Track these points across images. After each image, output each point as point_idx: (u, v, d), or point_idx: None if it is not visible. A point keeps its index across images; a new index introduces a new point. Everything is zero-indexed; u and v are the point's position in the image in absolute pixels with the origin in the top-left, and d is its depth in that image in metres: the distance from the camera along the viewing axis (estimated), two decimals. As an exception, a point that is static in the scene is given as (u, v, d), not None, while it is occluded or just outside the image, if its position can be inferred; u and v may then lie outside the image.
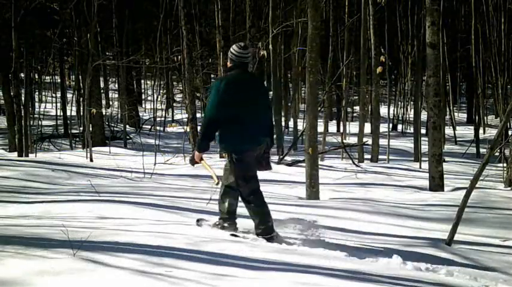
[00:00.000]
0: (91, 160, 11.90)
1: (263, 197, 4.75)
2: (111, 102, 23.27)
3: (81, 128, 16.75)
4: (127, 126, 17.34)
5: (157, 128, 15.56)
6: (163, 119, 20.49)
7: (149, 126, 20.12)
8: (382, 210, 6.44)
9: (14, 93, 13.81)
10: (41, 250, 3.82)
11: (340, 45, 20.52)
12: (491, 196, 7.69)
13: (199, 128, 12.65)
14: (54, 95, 24.23)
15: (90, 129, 13.78)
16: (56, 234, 4.30)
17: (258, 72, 12.92)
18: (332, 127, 21.00)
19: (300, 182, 8.27)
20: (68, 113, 18.92)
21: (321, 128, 11.97)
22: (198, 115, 13.16)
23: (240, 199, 4.84)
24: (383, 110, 20.49)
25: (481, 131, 20.00)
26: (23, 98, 13.73)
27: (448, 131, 21.24)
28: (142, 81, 28.02)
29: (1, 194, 7.00)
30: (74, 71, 20.78)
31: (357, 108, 22.34)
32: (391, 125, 20.73)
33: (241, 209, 4.91)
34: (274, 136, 7.38)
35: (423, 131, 16.84)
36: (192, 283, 3.33)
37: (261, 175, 4.93)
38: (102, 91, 20.15)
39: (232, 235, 4.78)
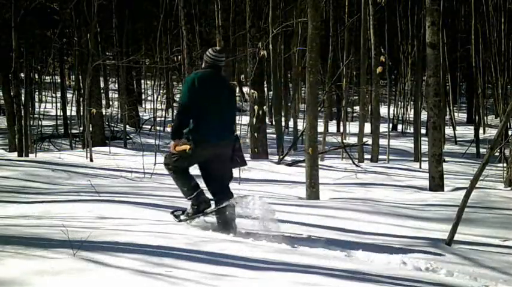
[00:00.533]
0: (91, 160, 11.90)
1: (181, 178, 4.99)
2: (111, 102, 23.27)
3: (81, 128, 16.74)
4: (127, 126, 17.33)
5: (157, 128, 15.55)
6: (163, 119, 20.48)
7: (149, 126, 20.11)
8: (382, 210, 6.44)
9: (14, 93, 13.82)
10: (41, 250, 3.82)
11: (340, 45, 20.52)
12: (491, 196, 7.69)
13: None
14: (54, 95, 24.23)
15: (90, 129, 13.78)
16: (56, 234, 4.30)
17: (258, 72, 12.91)
18: (332, 127, 21.00)
19: (300, 182, 8.27)
20: (68, 113, 18.93)
21: (321, 128, 11.97)
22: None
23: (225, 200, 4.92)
24: (383, 110, 20.49)
25: (481, 131, 20.00)
26: (23, 98, 13.74)
27: (448, 131, 21.24)
28: (142, 81, 28.01)
29: (1, 194, 7.00)
30: (74, 71, 20.78)
31: (357, 108, 22.34)
32: (391, 125, 20.73)
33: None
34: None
35: (423, 131, 16.84)
36: (192, 283, 3.33)
37: (261, 175, 4.94)
38: (102, 91, 20.15)
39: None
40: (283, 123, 18.51)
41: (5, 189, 7.49)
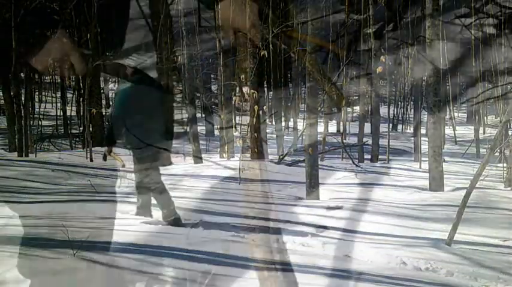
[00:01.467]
0: (91, 160, 11.88)
1: (164, 186, 5.22)
2: (111, 102, 23.26)
3: (81, 128, 16.73)
4: (127, 126, 17.29)
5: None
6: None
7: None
8: (382, 210, 6.43)
9: (14, 93, 13.81)
10: (41, 250, 3.82)
11: (340, 45, 20.50)
12: (491, 196, 7.69)
13: (199, 128, 12.56)
14: (54, 95, 24.21)
15: (90, 129, 13.77)
16: (56, 234, 4.30)
17: (258, 72, 12.90)
18: (332, 127, 21.00)
19: (300, 182, 8.27)
20: (68, 113, 18.92)
21: (321, 128, 11.96)
22: (198, 115, 13.14)
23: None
24: (383, 110, 20.48)
25: (481, 131, 19.99)
26: (23, 98, 13.73)
27: (448, 131, 21.23)
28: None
29: (1, 194, 6.99)
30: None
31: (357, 108, 22.33)
32: (391, 125, 20.72)
33: (241, 209, 4.92)
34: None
35: (423, 131, 16.83)
36: (192, 283, 3.33)
37: (261, 175, 4.94)
38: (102, 91, 20.13)
39: None
40: (283, 124, 18.51)
41: (5, 189, 7.49)
